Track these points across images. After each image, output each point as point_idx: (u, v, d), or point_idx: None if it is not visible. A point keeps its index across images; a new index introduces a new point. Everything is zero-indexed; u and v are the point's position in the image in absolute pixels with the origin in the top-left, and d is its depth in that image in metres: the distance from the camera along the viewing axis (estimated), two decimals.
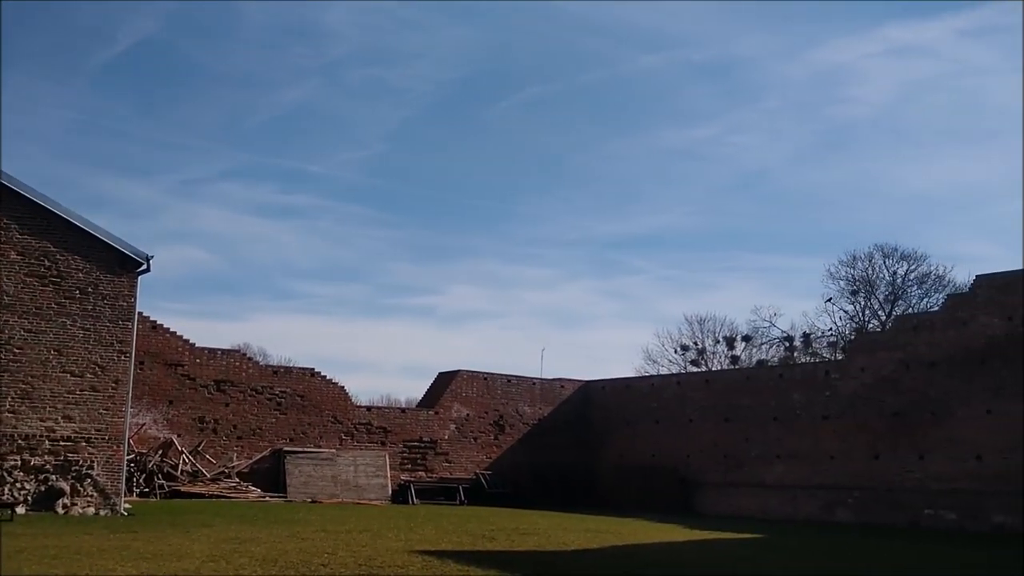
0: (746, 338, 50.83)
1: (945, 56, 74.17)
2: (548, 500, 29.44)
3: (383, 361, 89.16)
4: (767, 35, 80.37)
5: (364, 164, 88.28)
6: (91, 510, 18.45)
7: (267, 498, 25.11)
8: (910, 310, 42.25)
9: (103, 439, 18.98)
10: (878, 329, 41.06)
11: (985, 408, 22.28)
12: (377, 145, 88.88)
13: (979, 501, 22.12)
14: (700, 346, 51.88)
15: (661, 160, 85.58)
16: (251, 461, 26.25)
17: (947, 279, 44.25)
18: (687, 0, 75.50)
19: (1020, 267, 22.51)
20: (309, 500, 25.73)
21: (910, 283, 46.10)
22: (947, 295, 29.69)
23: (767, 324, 50.18)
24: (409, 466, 29.25)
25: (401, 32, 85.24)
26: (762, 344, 51.00)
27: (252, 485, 25.56)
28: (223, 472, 25.39)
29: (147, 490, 23.64)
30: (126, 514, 18.61)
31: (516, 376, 32.29)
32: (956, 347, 23.00)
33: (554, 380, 33.37)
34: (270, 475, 26.39)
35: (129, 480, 22.14)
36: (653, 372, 47.15)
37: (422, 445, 29.63)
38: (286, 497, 25.71)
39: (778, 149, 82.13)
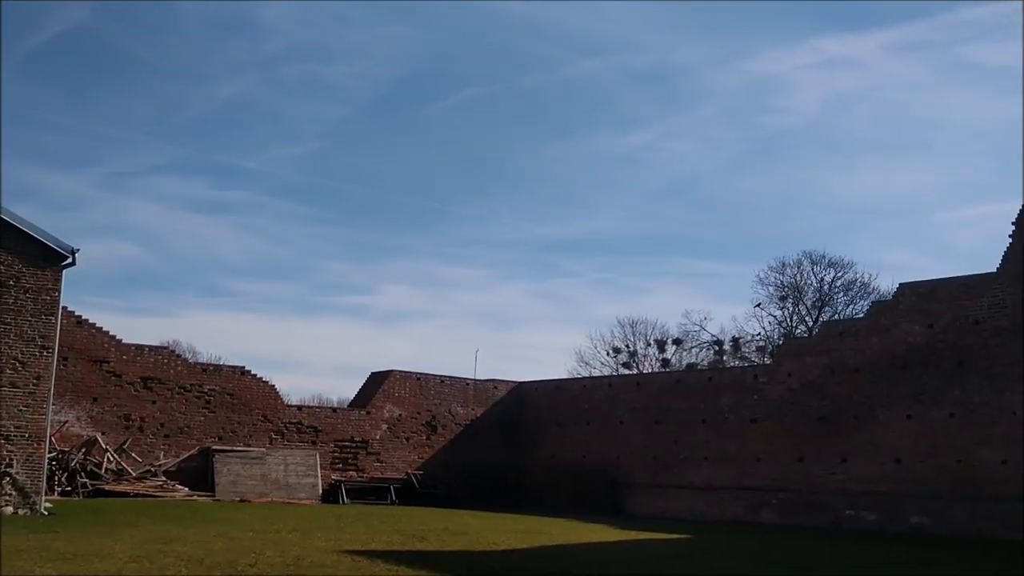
0: (677, 341, 51.53)
1: (873, 69, 76.05)
2: (479, 500, 29.47)
3: (316, 360, 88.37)
4: (703, 44, 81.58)
5: (300, 161, 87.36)
6: (9, 509, 17.95)
7: (195, 497, 24.73)
8: (836, 316, 43.25)
9: (23, 437, 18.46)
10: (805, 335, 41.93)
11: (906, 413, 22.90)
12: (313, 142, 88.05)
13: (898, 503, 22.74)
14: (632, 349, 52.47)
15: (598, 164, 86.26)
16: (178, 460, 25.82)
17: (872, 287, 45.43)
18: (628, 5, 76.25)
19: (941, 276, 23.21)
20: (238, 499, 25.40)
21: (837, 290, 47.22)
22: (872, 302, 30.46)
23: (698, 328, 50.96)
24: (340, 466, 29.05)
25: (339, 29, 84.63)
26: (692, 348, 51.77)
27: (179, 484, 25.14)
28: (149, 471, 24.93)
29: (69, 489, 23.10)
30: (47, 513, 18.16)
31: (449, 377, 32.28)
32: (879, 353, 23.60)
33: (487, 381, 33.43)
34: (198, 474, 25.98)
35: (50, 479, 21.62)
36: (585, 374, 47.50)
37: (353, 445, 29.45)
38: (214, 496, 25.35)
39: (711, 156, 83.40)
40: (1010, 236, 21.40)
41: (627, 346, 52.42)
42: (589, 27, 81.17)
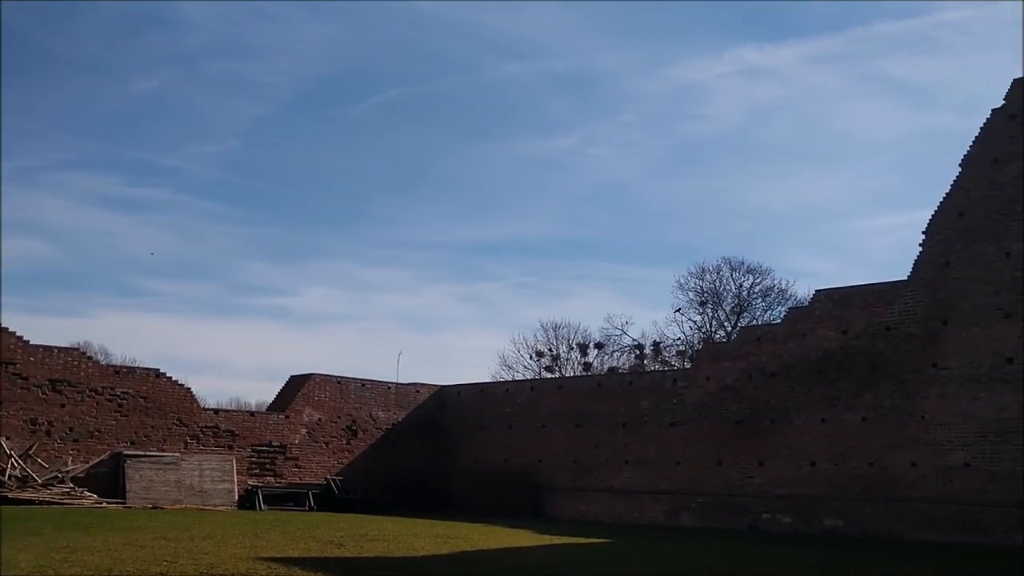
0: (599, 345, 51.98)
1: (792, 80, 77.81)
2: (400, 506, 29.21)
3: (234, 363, 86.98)
4: (626, 50, 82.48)
5: (219, 159, 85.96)
6: None
7: (104, 504, 23.99)
8: (754, 322, 44.05)
9: None
10: (724, 339, 42.60)
11: (820, 417, 23.38)
12: (233, 140, 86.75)
13: (812, 505, 23.20)
14: (555, 353, 52.73)
15: (521, 168, 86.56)
16: (88, 465, 25.04)
17: (789, 293, 46.54)
18: (552, 10, 76.66)
19: (856, 283, 23.76)
20: (150, 506, 24.72)
21: (755, 296, 48.22)
22: (788, 308, 31.06)
23: (619, 332, 51.50)
24: (257, 471, 28.52)
25: (260, 26, 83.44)
26: (614, 352, 52.30)
27: (88, 491, 24.38)
28: (56, 477, 24.10)
29: None
30: None
31: (371, 380, 31.95)
32: (795, 358, 24.07)
33: (409, 384, 33.18)
34: (108, 480, 25.23)
35: None
36: (508, 378, 47.58)
37: (271, 449, 28.94)
38: (125, 503, 24.65)
39: (634, 162, 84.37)
40: (920, 245, 22.03)
41: (550, 350, 52.70)
42: (513, 31, 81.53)
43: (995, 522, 20.08)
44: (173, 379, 27.46)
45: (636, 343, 51.00)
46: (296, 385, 30.63)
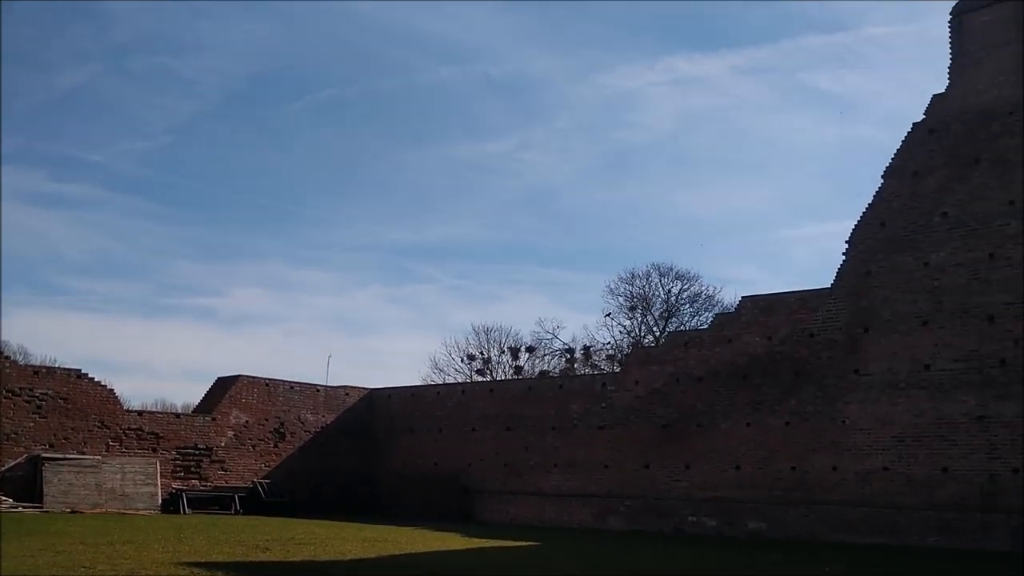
0: (530, 349, 52.16)
1: (721, 90, 79.11)
2: (328, 509, 28.94)
3: (159, 364, 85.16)
4: (561, 57, 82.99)
5: (147, 155, 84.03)
6: None
7: (20, 509, 23.32)
8: (682, 327, 44.71)
9: None
10: (652, 344, 43.09)
11: (745, 421, 23.81)
12: (162, 137, 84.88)
13: (736, 508, 23.62)
14: (486, 356, 52.74)
15: (455, 171, 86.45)
16: (3, 469, 24.32)
17: (716, 299, 47.28)
18: (487, 15, 76.81)
19: (781, 290, 24.28)
20: (68, 510, 24.12)
21: (683, 301, 48.89)
22: (715, 314, 31.54)
23: (550, 336, 51.75)
24: (182, 474, 28.01)
25: (192, 22, 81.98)
26: (545, 355, 52.52)
27: (4, 495, 23.68)
28: None
29: None
30: None
31: (299, 383, 31.63)
32: (722, 363, 24.47)
33: (339, 387, 32.93)
34: (25, 484, 24.51)
35: None
36: (439, 381, 47.47)
37: (197, 452, 28.45)
38: (43, 508, 24.00)
39: (566, 168, 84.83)
40: (844, 253, 22.60)
41: (481, 353, 52.70)
42: (448, 34, 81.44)
43: (910, 524, 20.68)
44: (95, 380, 26.82)
45: (567, 347, 51.34)
46: (223, 387, 30.17)
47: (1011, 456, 19.63)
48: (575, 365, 49.99)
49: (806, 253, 73.41)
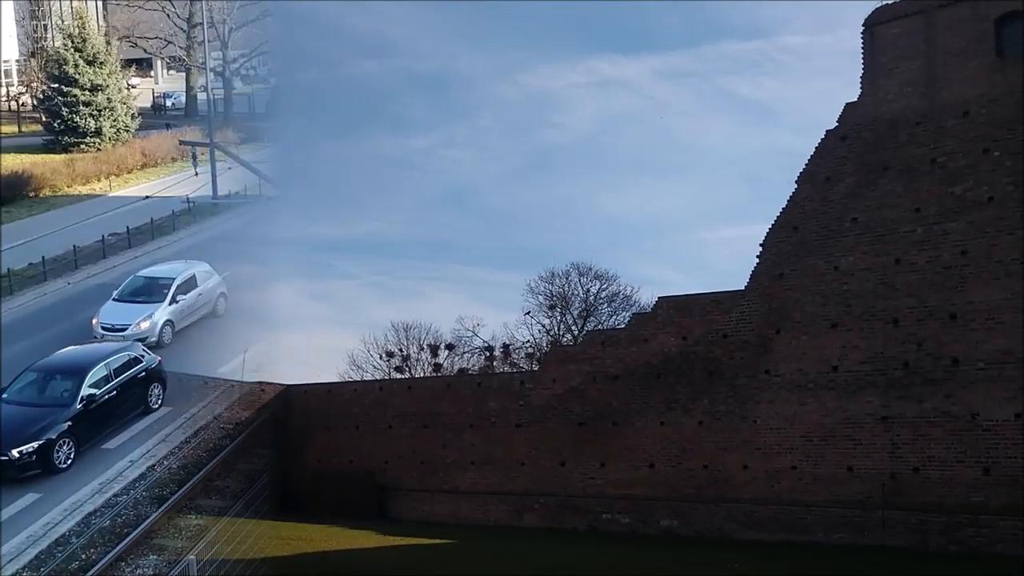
0: (449, 347, 51.93)
1: (642, 93, 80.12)
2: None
3: None
4: (485, 55, 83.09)
5: None
6: None
7: None
8: (600, 326, 45.05)
9: None
10: (571, 343, 43.38)
11: (659, 420, 24.13)
12: None
13: (649, 506, 23.93)
14: (405, 353, 52.37)
15: (376, 166, 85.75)
16: None
17: (634, 299, 47.64)
18: (411, 11, 76.41)
19: (697, 292, 24.62)
20: None
21: (601, 301, 49.21)
22: (632, 314, 31.85)
23: (470, 334, 51.65)
24: None
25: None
26: (465, 353, 52.37)
27: None
28: None
29: None
30: None
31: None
32: (637, 362, 24.74)
33: (255, 384, 32.39)
34: None
35: None
36: (358, 378, 47.03)
37: None
38: None
39: (489, 166, 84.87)
40: (758, 257, 23.06)
41: (400, 350, 52.27)
42: (371, 28, 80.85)
43: (817, 522, 21.25)
44: None
45: (487, 345, 51.29)
46: None
47: (911, 455, 20.33)
48: (494, 363, 49.97)
49: (723, 256, 74.74)
